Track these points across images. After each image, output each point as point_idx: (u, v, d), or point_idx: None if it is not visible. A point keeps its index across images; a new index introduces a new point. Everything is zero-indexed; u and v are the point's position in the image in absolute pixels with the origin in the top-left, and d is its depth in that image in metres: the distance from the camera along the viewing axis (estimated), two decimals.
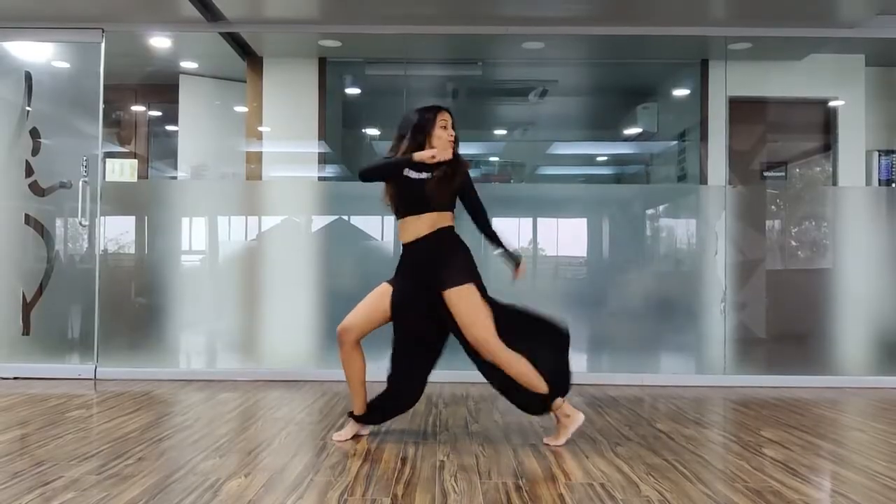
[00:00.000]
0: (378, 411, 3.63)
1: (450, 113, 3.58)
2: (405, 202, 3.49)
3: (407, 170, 3.45)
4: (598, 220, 5.85)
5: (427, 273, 3.45)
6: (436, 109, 3.55)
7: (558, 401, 3.49)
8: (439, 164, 3.43)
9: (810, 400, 4.74)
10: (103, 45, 5.42)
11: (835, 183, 5.89)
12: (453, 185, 3.48)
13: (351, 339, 3.51)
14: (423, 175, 3.45)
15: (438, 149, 3.45)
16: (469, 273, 3.44)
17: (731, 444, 3.52)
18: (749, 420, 4.12)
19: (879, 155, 5.82)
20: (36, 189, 5.45)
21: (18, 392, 4.70)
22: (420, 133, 3.51)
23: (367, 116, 6.66)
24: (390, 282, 3.56)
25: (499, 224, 3.69)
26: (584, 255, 5.83)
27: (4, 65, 5.57)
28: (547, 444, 3.46)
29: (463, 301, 3.38)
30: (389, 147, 3.63)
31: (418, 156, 3.41)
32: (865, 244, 5.55)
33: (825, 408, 4.51)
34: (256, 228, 5.67)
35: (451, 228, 3.52)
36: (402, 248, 3.55)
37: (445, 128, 3.52)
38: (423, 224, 3.47)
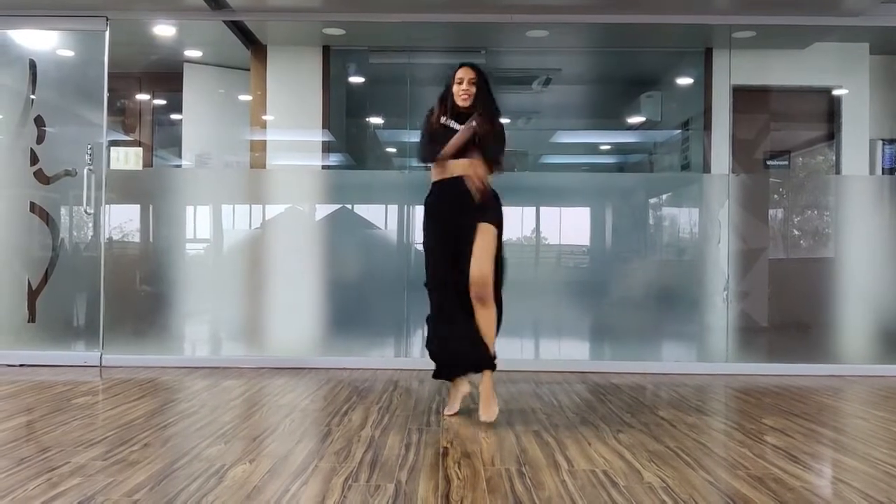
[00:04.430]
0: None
1: (471, 67, 3.77)
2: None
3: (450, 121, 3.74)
4: (602, 209, 5.86)
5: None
6: (457, 68, 3.78)
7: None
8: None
9: (812, 388, 4.76)
10: (108, 33, 5.43)
11: (838, 172, 5.89)
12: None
13: None
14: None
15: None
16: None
17: (732, 432, 3.53)
18: (751, 408, 4.13)
19: (883, 144, 5.81)
20: (41, 177, 5.47)
21: (24, 379, 4.73)
22: (445, 93, 3.81)
23: (370, 105, 6.65)
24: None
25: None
26: (588, 244, 5.84)
27: (9, 53, 5.58)
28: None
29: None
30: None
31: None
32: (868, 233, 5.55)
33: (826, 396, 4.52)
34: (261, 217, 5.68)
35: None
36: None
37: (461, 83, 3.72)
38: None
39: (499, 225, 3.72)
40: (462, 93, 3.70)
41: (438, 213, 3.77)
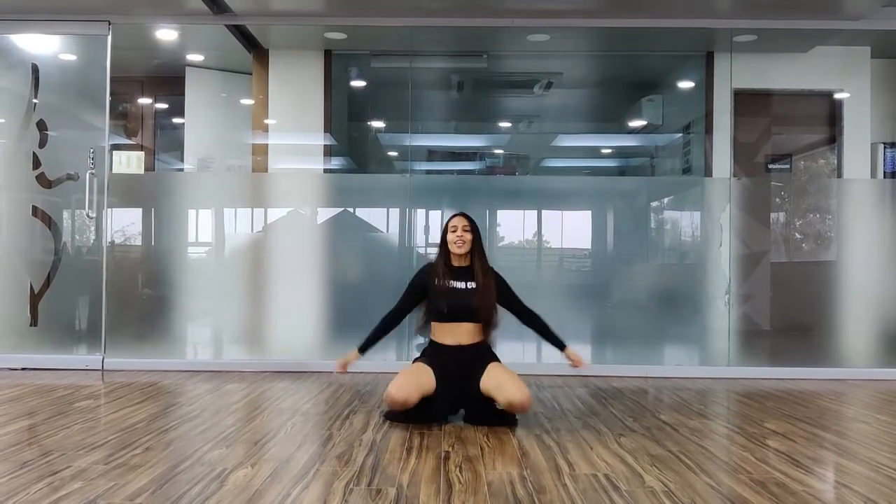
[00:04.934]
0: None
1: (464, 215, 3.94)
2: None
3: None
4: (603, 212, 5.86)
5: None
6: (450, 217, 3.97)
7: None
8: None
9: (814, 392, 4.75)
10: (110, 37, 5.44)
11: (839, 175, 5.89)
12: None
13: None
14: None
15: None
16: None
17: (735, 436, 3.53)
18: (753, 411, 4.13)
19: (884, 147, 5.82)
20: (43, 181, 5.48)
21: (26, 383, 4.74)
22: (442, 241, 3.97)
23: (372, 108, 6.66)
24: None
25: (504, 216, 3.72)
26: (589, 247, 5.84)
27: (12, 57, 5.59)
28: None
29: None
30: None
31: None
32: (870, 236, 5.55)
33: (829, 399, 4.52)
34: (262, 220, 5.69)
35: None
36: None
37: (455, 231, 3.89)
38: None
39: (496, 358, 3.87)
40: (457, 239, 3.87)
41: (440, 365, 3.79)
